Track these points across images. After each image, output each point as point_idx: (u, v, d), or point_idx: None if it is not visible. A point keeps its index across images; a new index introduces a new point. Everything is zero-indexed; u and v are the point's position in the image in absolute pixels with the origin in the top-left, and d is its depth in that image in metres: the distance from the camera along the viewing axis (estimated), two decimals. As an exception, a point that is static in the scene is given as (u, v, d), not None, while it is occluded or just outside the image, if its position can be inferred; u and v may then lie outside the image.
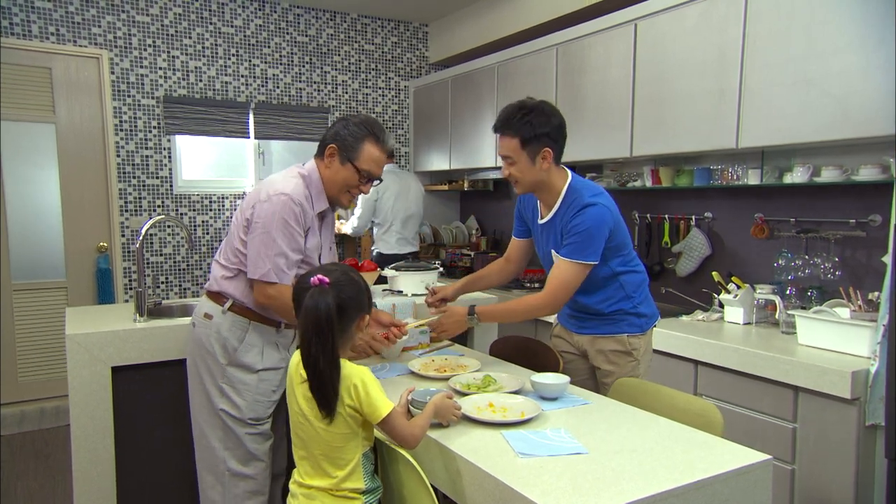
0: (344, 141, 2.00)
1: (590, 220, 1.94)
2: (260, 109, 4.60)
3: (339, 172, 2.02)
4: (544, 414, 1.70)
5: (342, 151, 2.00)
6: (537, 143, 1.96)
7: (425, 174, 5.25)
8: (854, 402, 2.10)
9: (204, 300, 2.09)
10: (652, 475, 1.34)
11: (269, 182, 2.01)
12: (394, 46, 5.11)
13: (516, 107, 1.99)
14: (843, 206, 2.65)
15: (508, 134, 1.98)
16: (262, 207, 1.94)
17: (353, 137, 2.00)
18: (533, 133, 1.95)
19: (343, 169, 2.01)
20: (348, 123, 2.02)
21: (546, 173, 2.01)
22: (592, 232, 1.94)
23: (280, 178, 2.00)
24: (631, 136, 3.16)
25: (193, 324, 2.08)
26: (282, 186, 1.95)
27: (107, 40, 4.12)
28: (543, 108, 1.99)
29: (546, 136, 1.96)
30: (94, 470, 2.24)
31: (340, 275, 1.55)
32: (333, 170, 2.02)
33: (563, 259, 1.98)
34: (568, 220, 1.99)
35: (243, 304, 2.03)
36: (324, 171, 2.04)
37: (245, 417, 2.02)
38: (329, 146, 2.01)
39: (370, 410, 1.46)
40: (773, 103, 2.54)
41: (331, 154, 2.01)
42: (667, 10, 2.98)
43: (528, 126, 1.95)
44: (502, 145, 2.02)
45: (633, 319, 2.12)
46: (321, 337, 1.44)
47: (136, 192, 4.28)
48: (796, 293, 2.75)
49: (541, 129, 1.95)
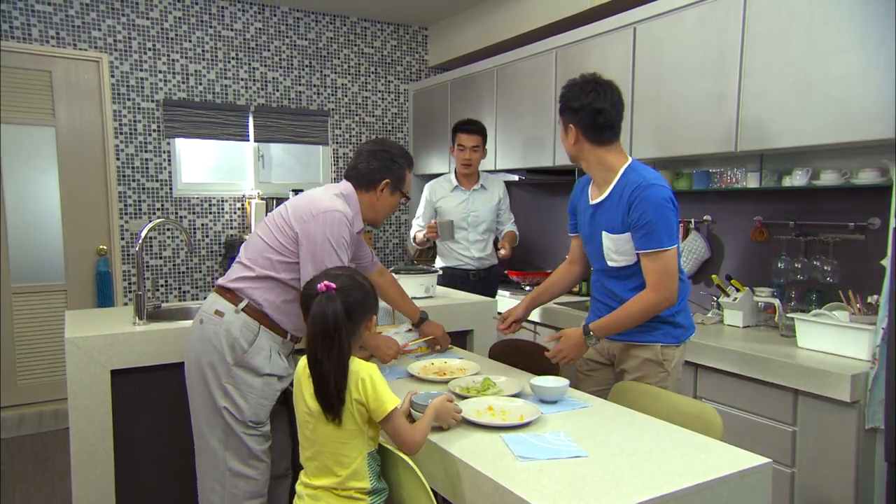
0: (395, 175, 2.19)
1: (653, 203, 1.90)
2: (260, 113, 4.61)
3: (389, 201, 2.21)
4: (544, 417, 1.70)
5: (394, 184, 2.19)
6: (566, 114, 2.04)
7: (424, 177, 5.25)
8: (854, 405, 2.10)
9: (214, 297, 2.08)
10: (651, 478, 1.34)
11: (314, 199, 2.07)
12: (393, 50, 5.12)
13: (574, 83, 2.06)
14: (842, 209, 2.65)
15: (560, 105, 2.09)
16: (319, 223, 1.99)
17: (401, 170, 2.21)
18: (567, 105, 2.04)
19: (393, 197, 2.22)
20: (394, 157, 2.19)
21: (575, 149, 2.06)
22: (660, 216, 1.90)
23: (326, 196, 2.08)
24: (630, 139, 3.16)
25: (201, 320, 2.07)
26: (332, 204, 2.04)
27: (107, 44, 4.13)
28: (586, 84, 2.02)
29: (577, 109, 2.00)
30: (93, 473, 2.24)
31: (346, 279, 1.57)
32: (384, 199, 2.20)
33: (647, 252, 1.92)
34: (628, 205, 1.94)
35: (258, 308, 2.04)
36: (374, 201, 2.19)
37: (246, 420, 2.02)
38: (384, 181, 2.17)
39: (376, 405, 1.47)
40: (772, 106, 2.54)
41: (383, 188, 2.18)
42: (665, 13, 2.99)
43: (563, 98, 2.06)
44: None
45: (670, 329, 2.04)
46: (328, 343, 1.47)
47: (135, 195, 4.29)
48: (796, 296, 2.76)
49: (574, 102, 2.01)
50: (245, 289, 2.05)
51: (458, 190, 3.59)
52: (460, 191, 3.58)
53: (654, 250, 1.91)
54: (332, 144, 4.90)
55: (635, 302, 1.96)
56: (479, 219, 3.55)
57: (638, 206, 1.92)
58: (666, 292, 1.92)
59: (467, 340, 2.88)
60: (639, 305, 1.95)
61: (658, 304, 1.94)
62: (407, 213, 5.28)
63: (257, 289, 2.04)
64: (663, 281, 1.92)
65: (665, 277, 1.92)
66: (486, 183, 3.61)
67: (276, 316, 2.06)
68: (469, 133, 3.46)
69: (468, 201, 3.55)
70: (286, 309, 2.06)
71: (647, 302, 1.94)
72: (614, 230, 2.00)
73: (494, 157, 4.19)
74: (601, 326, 2.00)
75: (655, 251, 1.91)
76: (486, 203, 3.57)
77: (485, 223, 3.57)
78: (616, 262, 2.04)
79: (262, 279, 2.04)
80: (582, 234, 2.21)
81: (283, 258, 2.03)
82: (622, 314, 1.98)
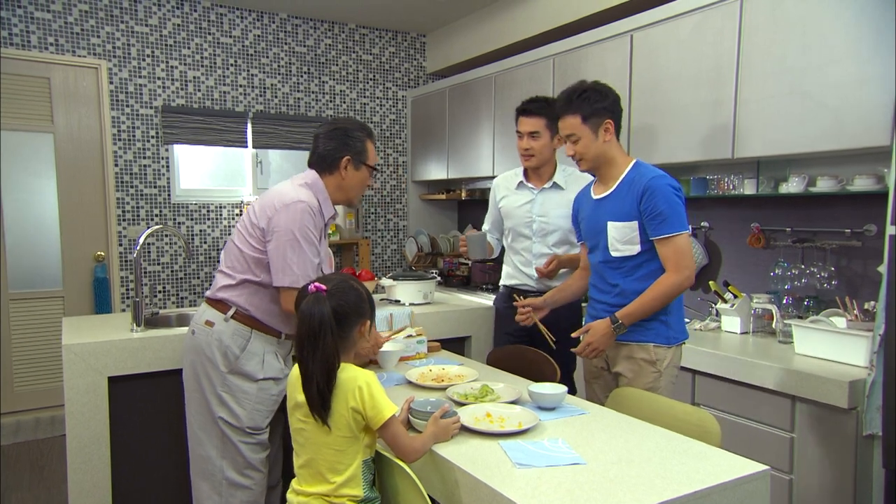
0: (354, 149, 2.13)
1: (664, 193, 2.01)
2: (258, 119, 4.61)
3: (356, 177, 2.16)
4: (542, 424, 1.70)
5: (355, 158, 2.14)
6: (598, 116, 2.08)
7: (423, 183, 5.26)
8: (851, 411, 2.10)
9: (204, 307, 2.09)
10: (649, 486, 1.34)
11: (278, 192, 2.05)
12: (392, 56, 5.14)
13: (573, 87, 2.13)
14: (839, 215, 2.66)
15: (570, 113, 2.10)
16: (281, 216, 1.98)
17: (359, 143, 2.15)
18: (592, 108, 2.08)
19: (359, 173, 2.17)
20: (348, 132, 2.14)
21: (609, 146, 2.12)
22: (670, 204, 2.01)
23: (290, 188, 2.06)
24: (627, 146, 3.17)
25: (193, 331, 2.08)
26: (296, 195, 2.02)
27: (105, 50, 4.14)
28: (597, 86, 2.12)
29: (604, 109, 2.09)
30: (90, 481, 2.23)
31: (339, 282, 1.57)
32: (350, 176, 2.15)
33: (662, 237, 2.02)
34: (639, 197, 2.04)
35: (247, 313, 2.03)
36: (340, 182, 2.14)
37: (244, 426, 2.02)
38: (343, 159, 2.12)
39: (373, 413, 1.47)
40: (768, 114, 2.56)
41: (345, 166, 2.12)
42: (662, 21, 3.00)
43: (587, 102, 2.08)
44: (564, 126, 2.14)
45: (661, 329, 2.09)
46: (313, 343, 1.47)
47: (133, 201, 4.29)
48: (793, 302, 2.76)
49: (599, 103, 2.08)
50: (230, 297, 2.05)
51: (523, 188, 2.72)
52: (526, 189, 2.71)
53: (668, 235, 2.01)
54: (331, 151, 4.90)
55: (658, 285, 2.03)
56: (549, 226, 2.64)
57: (650, 197, 2.02)
58: (686, 271, 2.01)
59: (465, 347, 2.88)
60: (662, 288, 2.02)
61: (680, 285, 2.02)
62: (405, 219, 5.29)
63: (241, 295, 2.04)
64: (682, 261, 2.01)
65: (683, 258, 2.01)
66: (564, 180, 2.66)
67: (266, 318, 2.05)
68: (527, 115, 2.60)
69: (534, 203, 2.67)
70: (274, 310, 2.06)
71: (669, 283, 2.01)
72: (619, 218, 2.08)
73: (493, 164, 4.20)
74: (629, 313, 2.05)
75: (669, 236, 2.01)
76: (559, 206, 2.63)
77: (557, 232, 2.64)
78: (620, 252, 2.10)
79: (243, 284, 2.04)
80: (585, 231, 2.27)
81: (258, 258, 2.03)
82: (648, 297, 2.03)
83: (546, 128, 2.57)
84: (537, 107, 2.59)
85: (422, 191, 5.28)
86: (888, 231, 2.11)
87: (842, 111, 2.32)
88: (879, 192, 2.40)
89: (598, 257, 2.19)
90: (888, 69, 2.18)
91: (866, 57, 2.24)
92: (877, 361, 2.09)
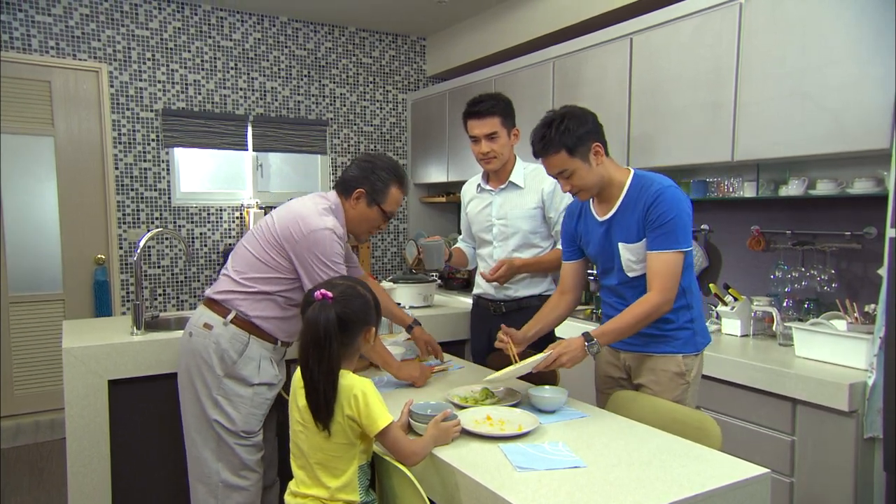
0: (373, 186, 2.09)
1: (673, 203, 1.88)
2: (258, 122, 4.62)
3: (365, 213, 2.12)
4: (542, 427, 1.70)
5: (370, 195, 2.10)
6: (583, 144, 1.90)
7: (423, 186, 5.27)
8: (852, 414, 2.10)
9: (202, 310, 2.08)
10: (650, 489, 1.34)
11: (301, 215, 2.01)
12: (392, 59, 5.15)
13: (544, 124, 1.93)
14: (839, 218, 2.66)
15: (552, 151, 1.91)
16: (308, 243, 1.97)
17: (381, 183, 2.10)
18: (575, 138, 1.89)
19: (370, 211, 2.12)
20: (376, 168, 2.10)
21: (603, 168, 1.95)
22: (680, 215, 1.88)
23: (313, 211, 2.02)
24: (627, 149, 3.18)
25: (190, 333, 2.07)
26: (322, 223, 1.99)
27: (106, 54, 4.14)
28: (572, 112, 1.93)
29: (588, 133, 1.90)
30: (90, 484, 2.23)
31: (346, 288, 1.56)
32: (360, 211, 2.12)
33: (660, 252, 1.88)
34: (645, 209, 1.90)
35: (247, 318, 2.03)
36: (349, 210, 2.12)
37: (238, 430, 2.02)
38: (357, 189, 2.09)
39: (368, 422, 1.46)
40: (768, 116, 2.56)
41: (358, 197, 2.10)
42: (662, 24, 3.01)
43: (568, 133, 1.89)
44: (551, 165, 1.94)
45: (689, 336, 1.98)
46: (318, 351, 1.46)
47: (134, 204, 4.29)
48: (793, 305, 2.76)
49: (580, 129, 1.89)
50: (232, 300, 2.04)
51: (483, 191, 2.60)
52: (486, 191, 2.58)
53: (667, 251, 1.87)
54: (331, 154, 4.92)
55: (640, 305, 1.88)
56: (509, 229, 2.49)
57: (657, 207, 1.88)
58: (669, 294, 1.87)
59: (465, 350, 2.88)
60: (645, 308, 1.87)
61: (660, 307, 1.87)
62: (405, 222, 5.29)
63: (245, 300, 2.03)
64: (668, 283, 1.87)
65: (670, 280, 1.87)
66: (523, 178, 2.49)
67: (265, 325, 2.05)
68: (480, 117, 2.41)
69: (493, 205, 2.53)
70: (275, 320, 2.06)
71: (652, 304, 1.87)
72: (630, 239, 1.96)
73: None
74: (604, 332, 1.89)
75: (668, 251, 1.87)
76: (518, 207, 2.48)
77: (518, 235, 2.48)
78: (636, 272, 1.98)
79: (251, 292, 2.04)
80: (594, 255, 2.12)
81: (272, 273, 2.03)
82: (623, 322, 1.89)
83: (502, 125, 2.42)
84: (489, 106, 2.40)
85: (422, 193, 5.29)
86: (888, 234, 2.11)
87: (842, 113, 2.32)
88: (879, 195, 2.40)
89: (613, 280, 2.05)
90: (888, 71, 2.18)
91: (866, 59, 2.24)
92: (877, 364, 2.10)
